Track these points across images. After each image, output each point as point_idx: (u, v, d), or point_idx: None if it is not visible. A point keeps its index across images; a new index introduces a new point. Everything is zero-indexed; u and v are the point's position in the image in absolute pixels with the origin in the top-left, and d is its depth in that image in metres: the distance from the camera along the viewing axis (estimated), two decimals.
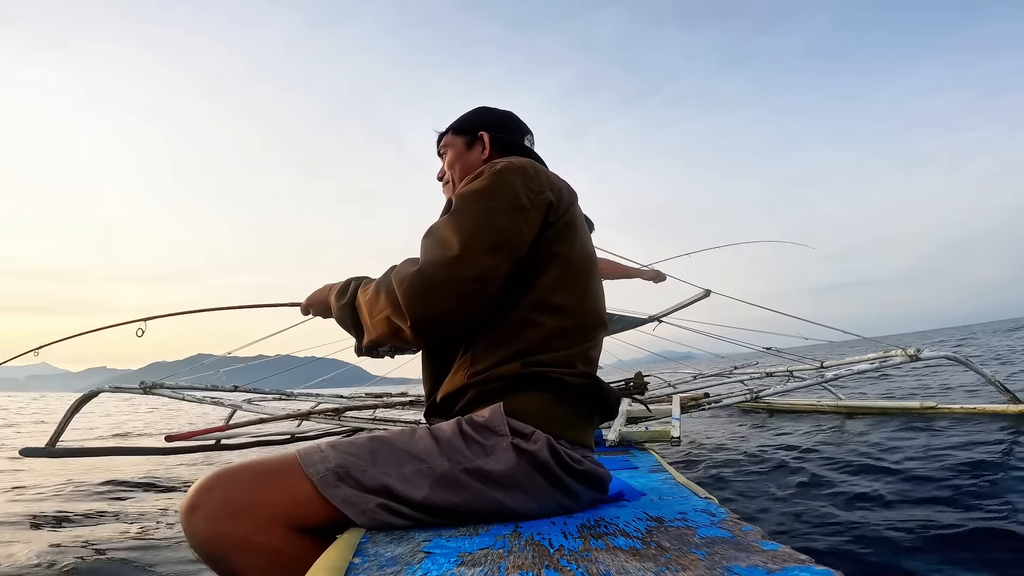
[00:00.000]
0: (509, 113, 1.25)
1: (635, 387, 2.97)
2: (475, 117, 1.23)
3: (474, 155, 1.19)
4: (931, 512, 1.74)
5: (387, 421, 3.52)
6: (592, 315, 1.02)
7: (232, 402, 3.75)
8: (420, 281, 0.89)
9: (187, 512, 0.78)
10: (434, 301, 0.89)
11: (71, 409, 3.42)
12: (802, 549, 0.62)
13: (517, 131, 1.23)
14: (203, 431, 3.16)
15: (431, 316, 0.89)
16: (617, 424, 2.51)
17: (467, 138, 1.20)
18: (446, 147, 1.23)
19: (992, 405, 3.38)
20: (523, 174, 0.97)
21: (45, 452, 3.09)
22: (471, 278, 0.89)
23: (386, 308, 0.93)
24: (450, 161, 1.21)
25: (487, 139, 1.18)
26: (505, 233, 0.92)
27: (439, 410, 1.02)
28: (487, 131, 1.19)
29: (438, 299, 0.89)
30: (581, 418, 0.98)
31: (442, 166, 1.24)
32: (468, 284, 0.89)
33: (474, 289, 0.89)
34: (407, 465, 0.85)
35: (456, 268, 0.88)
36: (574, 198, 1.05)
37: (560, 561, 0.64)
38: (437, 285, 0.88)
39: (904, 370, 7.65)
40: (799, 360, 4.74)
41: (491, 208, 0.93)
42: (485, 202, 0.94)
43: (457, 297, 0.89)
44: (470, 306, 0.91)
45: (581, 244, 1.03)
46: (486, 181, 0.96)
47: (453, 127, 1.23)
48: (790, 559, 0.60)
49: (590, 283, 1.03)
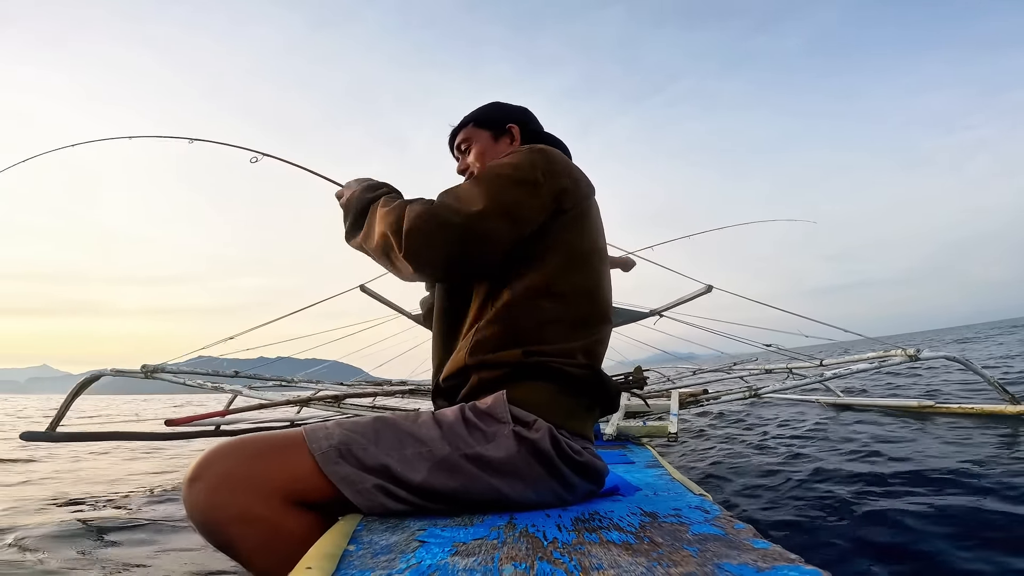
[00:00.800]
0: (525, 107, 1.26)
1: (634, 382, 2.98)
2: (499, 110, 1.23)
3: (502, 147, 1.20)
4: (925, 513, 1.75)
5: (387, 409, 3.54)
6: (596, 307, 1.03)
7: (233, 388, 3.76)
8: (428, 217, 0.92)
9: (188, 483, 0.78)
10: (433, 239, 0.92)
11: (72, 393, 3.44)
12: (793, 548, 0.63)
13: (538, 122, 1.25)
14: (203, 416, 3.17)
15: (425, 252, 0.92)
16: (615, 418, 2.51)
17: (494, 131, 1.21)
18: (468, 140, 1.22)
19: (990, 405, 3.38)
20: (545, 156, 1.00)
21: (45, 436, 3.10)
22: (479, 233, 0.92)
23: (393, 224, 0.94)
24: (477, 153, 1.20)
25: (517, 131, 1.21)
26: (519, 205, 0.94)
27: (444, 393, 1.04)
28: (515, 123, 1.21)
29: (437, 238, 0.91)
30: (583, 409, 0.99)
31: (462, 160, 1.23)
32: (473, 239, 0.92)
33: (476, 246, 0.92)
34: (408, 447, 0.85)
35: (469, 219, 0.91)
36: (591, 191, 1.07)
37: (553, 553, 0.65)
38: (444, 228, 0.91)
39: (905, 371, 7.66)
40: (799, 358, 4.75)
41: (508, 179, 0.96)
42: (504, 174, 0.96)
43: (457, 246, 0.92)
44: (465, 261, 0.94)
45: (592, 237, 1.04)
46: (510, 157, 1.00)
47: (474, 120, 1.23)
48: (780, 558, 0.60)
49: (598, 276, 1.04)
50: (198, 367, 3.98)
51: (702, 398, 3.37)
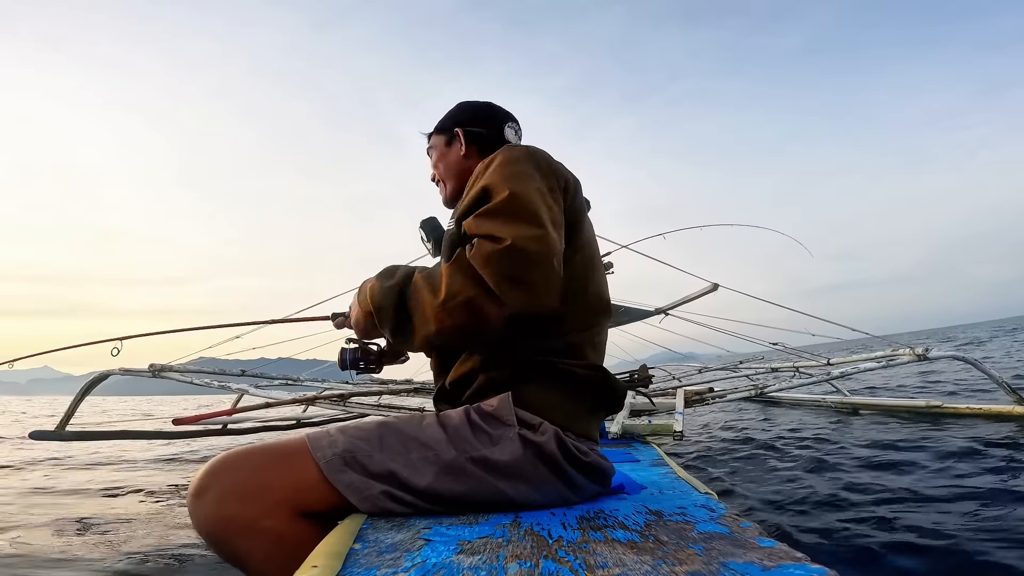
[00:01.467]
0: (486, 104, 1.24)
1: (640, 380, 2.98)
2: (453, 114, 1.23)
3: (453, 153, 1.20)
4: (931, 513, 1.74)
5: (392, 407, 3.54)
6: (597, 300, 1.02)
7: (239, 387, 3.78)
8: (516, 257, 0.79)
9: (195, 495, 0.78)
10: (533, 279, 0.80)
11: (81, 392, 3.46)
12: (799, 547, 0.63)
13: (493, 122, 1.22)
14: (210, 415, 3.19)
15: (530, 297, 0.80)
16: (620, 417, 2.51)
17: (447, 136, 1.21)
18: (432, 148, 1.24)
19: (998, 406, 3.36)
20: (547, 159, 0.99)
21: (54, 435, 3.13)
22: (557, 254, 0.83)
23: (466, 290, 0.80)
24: (435, 160, 1.23)
25: (462, 135, 1.19)
26: (557, 213, 0.91)
27: (448, 396, 1.03)
28: (461, 127, 1.20)
29: (537, 277, 0.80)
30: (588, 410, 0.98)
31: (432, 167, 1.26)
32: (557, 259, 0.83)
33: (557, 267, 0.83)
34: (414, 452, 0.85)
35: (547, 243, 0.81)
36: (579, 185, 1.06)
37: (558, 552, 0.65)
38: (534, 262, 0.79)
39: (908, 368, 7.61)
40: (806, 357, 4.73)
41: (540, 189, 0.90)
42: (536, 182, 0.90)
43: (552, 273, 0.82)
44: (554, 286, 0.83)
45: (587, 229, 1.04)
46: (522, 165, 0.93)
47: (436, 127, 1.24)
48: (786, 557, 0.60)
49: (595, 268, 1.04)
50: (202, 367, 3.99)
51: (708, 397, 3.36)
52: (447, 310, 0.82)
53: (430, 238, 1.41)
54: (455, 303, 0.81)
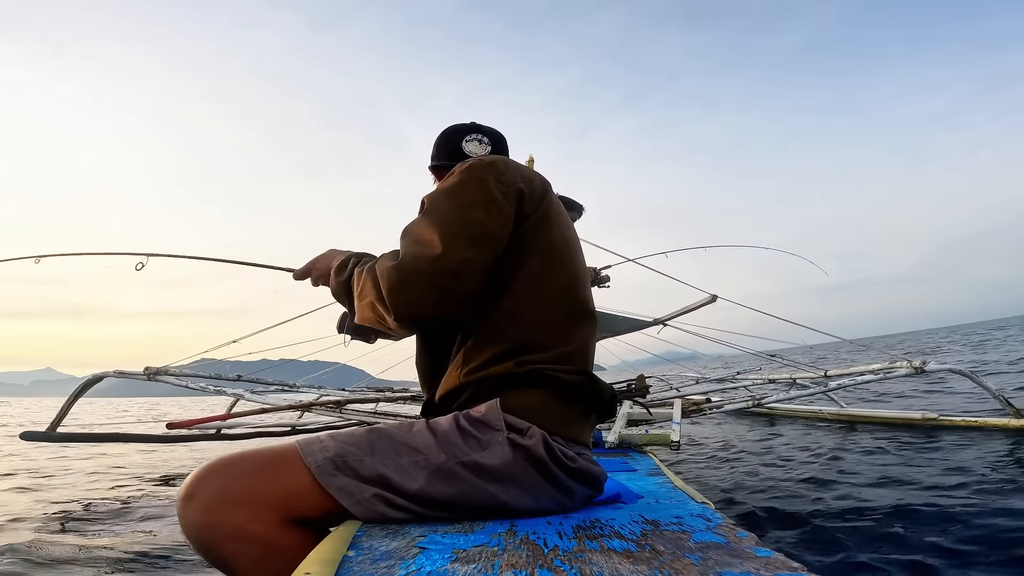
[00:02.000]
0: (447, 131, 1.29)
1: (637, 390, 2.97)
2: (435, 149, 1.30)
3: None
4: (927, 525, 1.73)
5: (388, 415, 3.53)
6: (579, 303, 1.02)
7: (234, 392, 3.77)
8: (398, 275, 0.90)
9: (184, 500, 0.78)
10: (413, 295, 0.90)
11: (74, 394, 3.45)
12: (796, 557, 0.62)
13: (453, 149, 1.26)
14: (204, 419, 3.17)
15: (411, 309, 0.91)
16: (617, 426, 2.50)
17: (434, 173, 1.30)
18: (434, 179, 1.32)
19: (995, 419, 3.36)
20: (492, 169, 0.98)
21: (45, 436, 3.11)
22: (449, 271, 0.89)
23: (372, 295, 0.94)
24: None
25: (433, 175, 1.30)
26: (481, 226, 0.92)
27: (437, 409, 1.02)
28: (433, 166, 1.30)
29: (417, 293, 0.90)
30: (577, 415, 0.98)
31: None
32: (446, 278, 0.89)
33: (452, 283, 0.90)
34: (404, 456, 0.85)
35: (435, 263, 0.89)
36: (547, 187, 1.05)
37: (554, 561, 0.64)
38: (415, 279, 0.89)
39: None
40: (803, 368, 4.73)
41: (463, 202, 0.94)
42: (456, 197, 0.95)
43: (437, 291, 0.90)
44: (449, 300, 0.91)
45: (560, 233, 1.03)
46: (456, 178, 0.98)
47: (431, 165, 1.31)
48: (783, 567, 0.60)
49: (574, 271, 1.03)
50: (201, 370, 3.98)
51: (705, 407, 3.36)
52: (361, 307, 0.99)
53: None
54: (364, 303, 0.98)
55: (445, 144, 1.27)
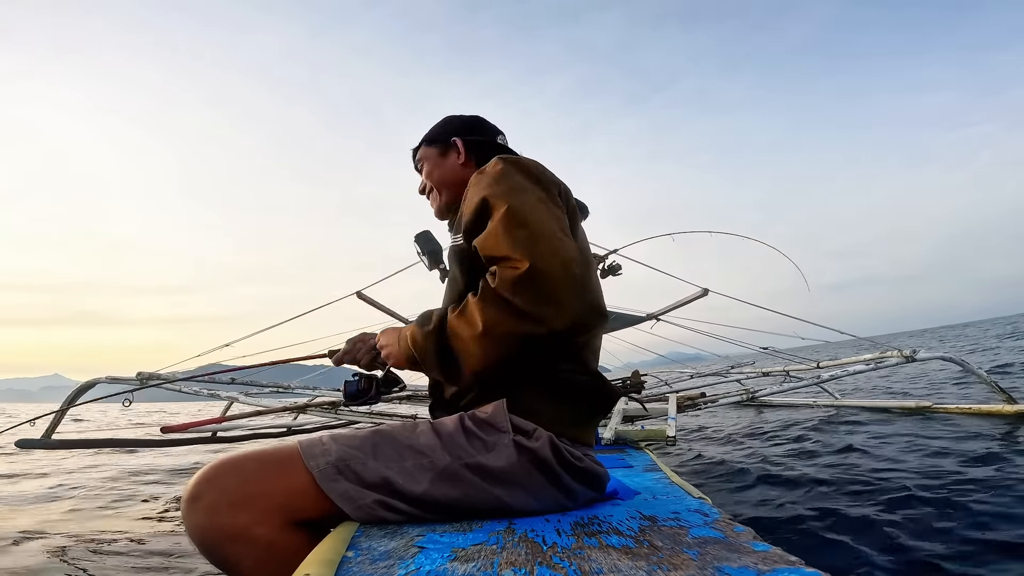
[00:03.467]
0: (477, 116, 1.26)
1: (632, 386, 2.98)
2: (444, 125, 1.24)
3: (450, 161, 1.20)
4: (923, 514, 1.75)
5: (385, 415, 3.53)
6: (592, 304, 1.02)
7: (229, 395, 3.74)
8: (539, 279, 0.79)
9: (188, 502, 0.78)
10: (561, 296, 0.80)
11: (67, 400, 3.41)
12: (793, 551, 0.63)
13: (488, 131, 1.24)
14: (199, 423, 3.15)
15: (565, 311, 0.80)
16: (613, 423, 2.51)
17: (440, 147, 1.22)
18: (422, 160, 1.24)
19: (988, 405, 3.39)
20: (539, 167, 0.99)
21: (41, 444, 3.08)
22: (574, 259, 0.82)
23: (504, 321, 0.81)
24: (427, 171, 1.22)
25: (460, 144, 1.20)
26: (563, 219, 0.91)
27: (446, 405, 1.03)
28: (459, 136, 1.20)
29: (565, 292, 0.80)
30: (583, 416, 0.98)
31: (422, 179, 1.26)
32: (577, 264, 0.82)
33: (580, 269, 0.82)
34: (408, 459, 0.85)
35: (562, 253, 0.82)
36: (569, 191, 1.06)
37: (553, 558, 0.65)
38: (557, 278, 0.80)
39: (906, 368, 7.68)
40: (796, 360, 4.76)
41: (542, 198, 0.91)
42: (535, 193, 0.91)
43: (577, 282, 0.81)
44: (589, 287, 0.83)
45: (581, 236, 1.04)
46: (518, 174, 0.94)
47: (425, 138, 1.24)
48: (780, 560, 0.60)
49: (589, 272, 1.04)
50: (197, 374, 3.95)
51: (700, 401, 3.37)
52: (490, 341, 0.83)
53: (424, 251, 1.41)
54: (496, 334, 0.82)
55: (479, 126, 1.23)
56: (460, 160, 1.19)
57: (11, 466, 4.40)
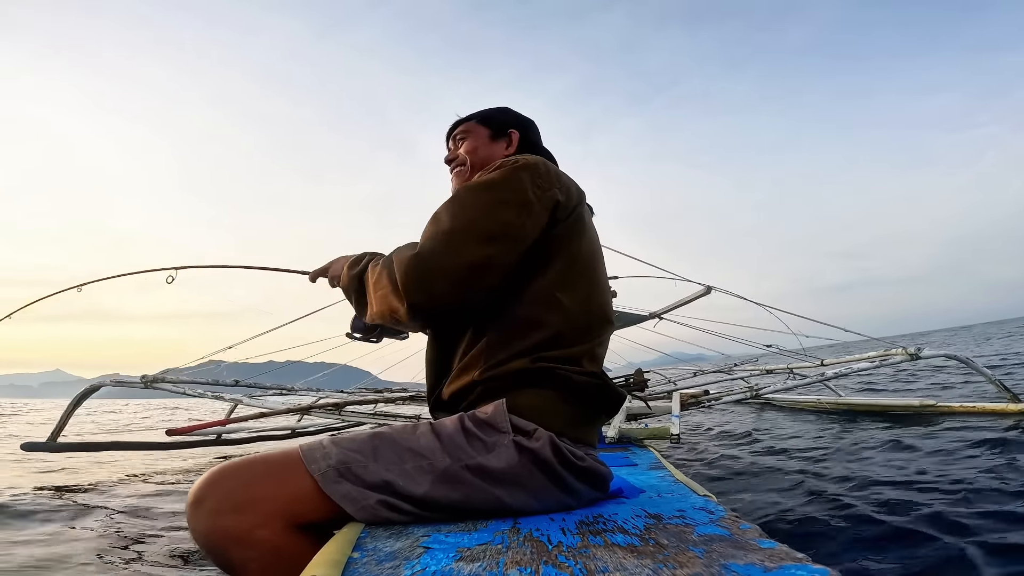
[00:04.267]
0: (532, 120, 1.27)
1: (635, 384, 2.98)
2: (504, 114, 1.25)
3: (498, 148, 1.21)
4: (929, 511, 1.74)
5: (388, 416, 3.53)
6: (598, 312, 1.03)
7: (233, 397, 3.75)
8: (417, 264, 0.90)
9: (192, 506, 0.79)
10: (430, 286, 0.90)
11: (72, 404, 3.43)
12: (799, 547, 0.63)
13: (539, 136, 1.27)
14: (204, 425, 3.16)
15: (427, 301, 0.91)
16: (617, 421, 2.51)
17: (494, 130, 1.22)
18: (466, 133, 1.22)
19: (992, 404, 3.38)
20: (533, 171, 0.98)
21: (46, 447, 3.10)
22: (467, 265, 0.90)
23: (387, 286, 0.94)
24: (470, 147, 1.21)
25: (516, 138, 1.21)
26: (506, 226, 0.92)
27: (445, 406, 1.03)
28: (517, 130, 1.22)
29: (434, 284, 0.90)
30: (586, 416, 0.98)
31: (453, 150, 1.24)
32: (464, 271, 0.90)
33: (469, 276, 0.90)
34: (408, 461, 0.85)
35: (452, 256, 0.90)
36: (582, 197, 1.07)
37: (559, 557, 0.64)
38: (432, 270, 0.90)
39: (910, 368, 7.65)
40: (800, 358, 4.75)
41: (496, 200, 0.94)
42: (491, 193, 0.95)
43: (453, 283, 0.90)
44: (466, 293, 0.91)
45: (588, 241, 1.04)
46: (496, 174, 0.98)
47: (479, 116, 1.24)
48: (787, 557, 0.60)
49: (597, 280, 1.04)
50: (205, 374, 3.98)
51: (703, 399, 3.37)
52: (377, 300, 0.98)
53: None
54: (379, 295, 0.97)
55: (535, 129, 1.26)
56: (508, 152, 1.20)
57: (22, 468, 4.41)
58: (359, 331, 1.20)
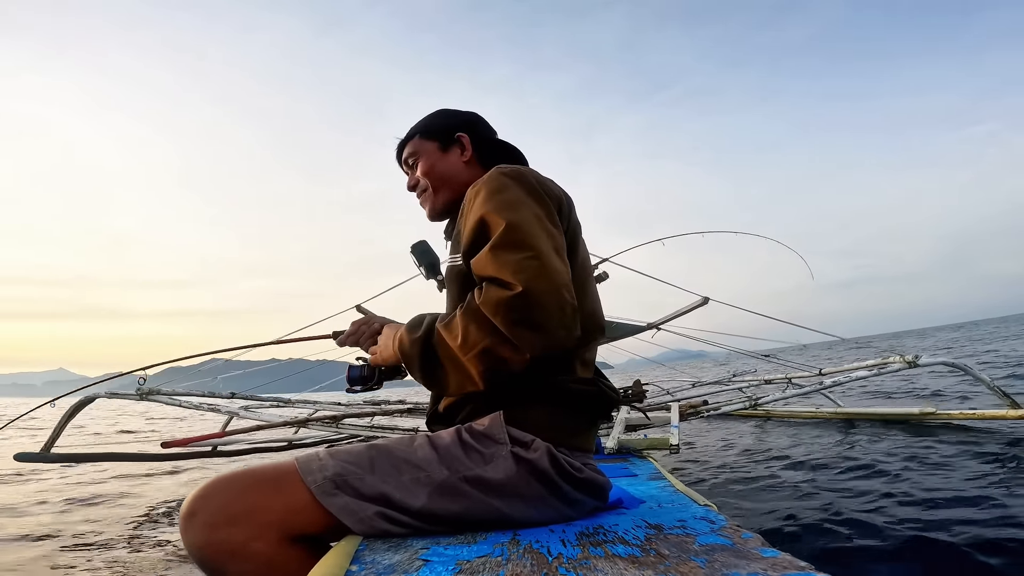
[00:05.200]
0: (475, 112, 1.21)
1: (634, 395, 2.97)
2: (444, 119, 1.17)
3: (452, 158, 1.14)
4: (929, 519, 1.73)
5: (385, 428, 3.51)
6: (591, 320, 1.02)
7: (229, 409, 3.73)
8: (524, 302, 0.79)
9: (185, 518, 0.78)
10: (544, 321, 0.80)
11: (66, 415, 3.39)
12: (802, 557, 0.62)
13: (489, 128, 1.20)
14: (200, 437, 3.14)
15: (544, 337, 0.81)
16: (616, 432, 2.50)
17: (441, 141, 1.14)
18: (415, 154, 1.16)
19: (992, 410, 3.38)
20: (537, 179, 0.96)
21: (40, 457, 3.06)
22: (565, 284, 0.83)
23: (484, 340, 0.82)
24: (426, 168, 1.14)
25: (467, 140, 1.14)
26: (559, 239, 0.90)
27: (442, 419, 1.02)
28: (465, 132, 1.14)
29: (548, 317, 0.80)
30: (582, 424, 0.97)
31: (412, 176, 1.18)
32: (565, 292, 0.82)
33: (570, 296, 0.83)
34: (405, 473, 0.84)
35: (552, 278, 0.81)
36: (572, 203, 1.05)
37: (559, 569, 0.64)
38: (542, 303, 0.80)
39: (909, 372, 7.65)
40: (798, 367, 4.74)
41: (539, 216, 0.89)
42: (532, 210, 0.89)
43: (562, 307, 0.81)
44: (574, 315, 0.83)
45: (582, 249, 1.04)
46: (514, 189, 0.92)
47: (419, 131, 1.16)
48: (790, 566, 0.60)
49: (589, 287, 1.04)
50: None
51: (702, 409, 3.36)
52: (468, 359, 0.84)
53: (421, 262, 1.39)
54: (474, 353, 0.83)
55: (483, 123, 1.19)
56: (465, 157, 1.14)
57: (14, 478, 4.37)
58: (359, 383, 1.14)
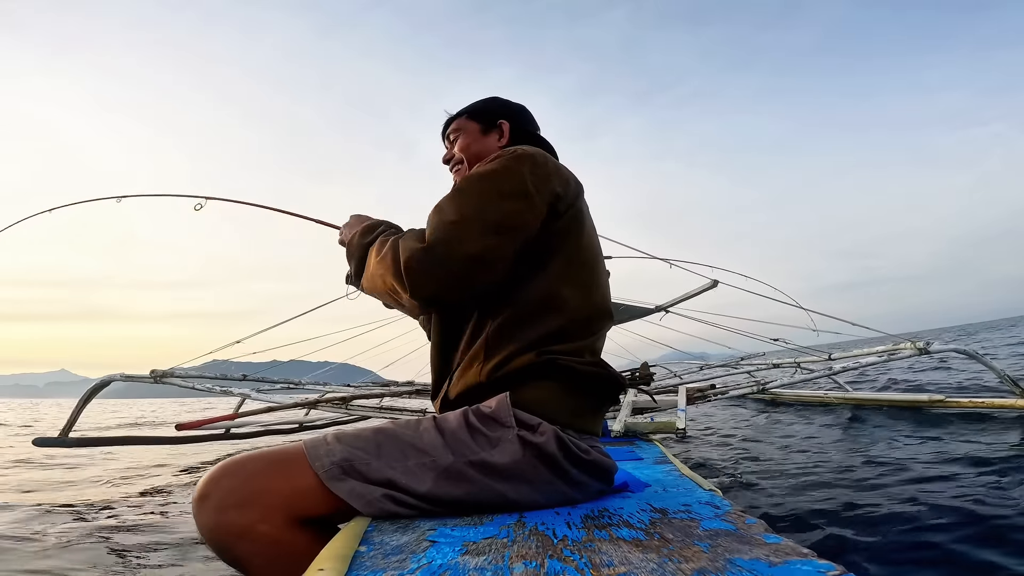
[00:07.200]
0: (523, 106, 1.26)
1: (641, 378, 2.98)
2: (492, 105, 1.23)
3: (490, 141, 1.20)
4: (935, 507, 1.73)
5: (394, 410, 3.55)
6: (599, 306, 1.03)
7: (241, 392, 3.78)
8: (423, 257, 0.90)
9: (197, 501, 0.79)
10: (436, 277, 0.91)
11: (83, 399, 3.46)
12: (805, 543, 0.63)
13: (533, 124, 1.25)
14: (213, 420, 3.19)
15: (431, 291, 0.92)
16: (622, 415, 2.51)
17: (484, 124, 1.21)
18: (458, 131, 1.22)
19: (1001, 399, 3.35)
20: (532, 162, 0.98)
21: (58, 442, 3.13)
22: (473, 256, 0.90)
23: (389, 270, 0.94)
24: (463, 144, 1.20)
25: (507, 128, 1.20)
26: (510, 216, 0.93)
27: (452, 406, 1.01)
28: (507, 120, 1.20)
29: (440, 275, 0.91)
30: (588, 407, 0.98)
31: (449, 149, 1.24)
32: (469, 262, 0.90)
33: (475, 268, 0.91)
34: (412, 458, 0.85)
35: (459, 246, 0.90)
36: (580, 189, 1.06)
37: (564, 551, 0.65)
38: (439, 262, 0.90)
39: (916, 364, 7.60)
40: (807, 352, 4.72)
41: (496, 190, 0.94)
42: (491, 183, 0.95)
43: (458, 275, 0.91)
44: (470, 284, 0.92)
45: (588, 235, 1.04)
46: (495, 164, 0.98)
47: (468, 111, 1.23)
48: (793, 552, 0.60)
49: (597, 274, 1.04)
50: (209, 371, 4.00)
51: (709, 393, 3.36)
52: (373, 276, 1.00)
53: None
54: (378, 275, 0.98)
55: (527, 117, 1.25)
56: (501, 143, 1.19)
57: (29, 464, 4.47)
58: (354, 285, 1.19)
